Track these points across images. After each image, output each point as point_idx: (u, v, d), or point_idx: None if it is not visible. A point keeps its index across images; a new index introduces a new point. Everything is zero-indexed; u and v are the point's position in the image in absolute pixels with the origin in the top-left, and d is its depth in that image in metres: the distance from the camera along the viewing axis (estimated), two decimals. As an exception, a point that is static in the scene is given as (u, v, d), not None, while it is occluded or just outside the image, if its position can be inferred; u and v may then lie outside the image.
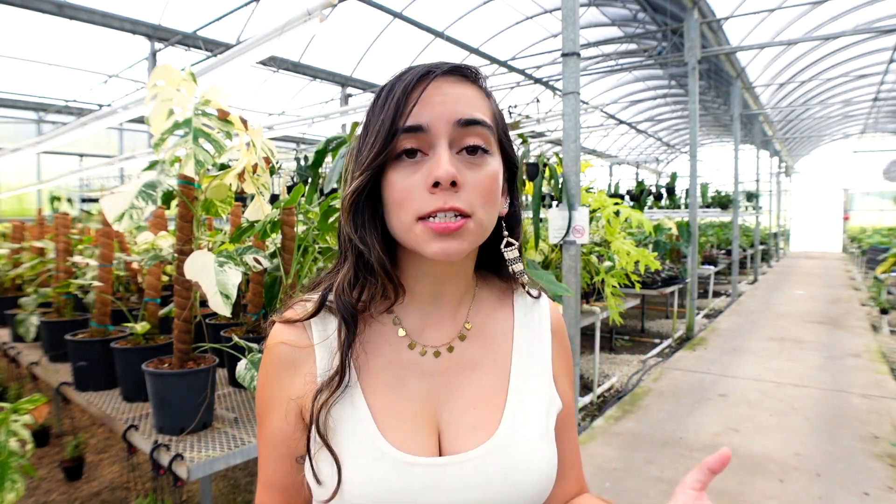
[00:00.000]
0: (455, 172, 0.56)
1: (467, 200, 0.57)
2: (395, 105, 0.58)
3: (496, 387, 0.66)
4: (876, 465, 2.99)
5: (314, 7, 2.87)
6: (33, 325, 2.45)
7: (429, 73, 0.59)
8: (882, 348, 5.60)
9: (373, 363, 0.64)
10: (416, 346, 0.66)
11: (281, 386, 0.65)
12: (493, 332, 0.69)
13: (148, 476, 2.78)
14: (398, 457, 0.59)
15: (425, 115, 0.57)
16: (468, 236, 0.58)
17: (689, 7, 6.58)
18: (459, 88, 0.60)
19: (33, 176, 10.17)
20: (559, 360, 0.73)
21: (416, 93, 0.58)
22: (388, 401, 0.63)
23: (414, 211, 0.57)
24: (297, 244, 1.81)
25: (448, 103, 0.58)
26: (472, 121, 0.58)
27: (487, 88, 0.64)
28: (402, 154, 0.58)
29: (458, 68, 0.61)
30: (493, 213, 0.61)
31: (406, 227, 0.59)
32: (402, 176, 0.58)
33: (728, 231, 11.08)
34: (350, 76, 9.50)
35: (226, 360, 1.99)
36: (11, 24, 7.07)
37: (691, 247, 6.57)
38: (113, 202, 1.37)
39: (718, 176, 18.41)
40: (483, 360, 0.67)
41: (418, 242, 0.58)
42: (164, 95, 1.46)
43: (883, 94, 12.51)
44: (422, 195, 0.57)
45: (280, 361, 0.65)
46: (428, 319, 0.67)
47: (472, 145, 0.58)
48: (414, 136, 0.57)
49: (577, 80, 3.04)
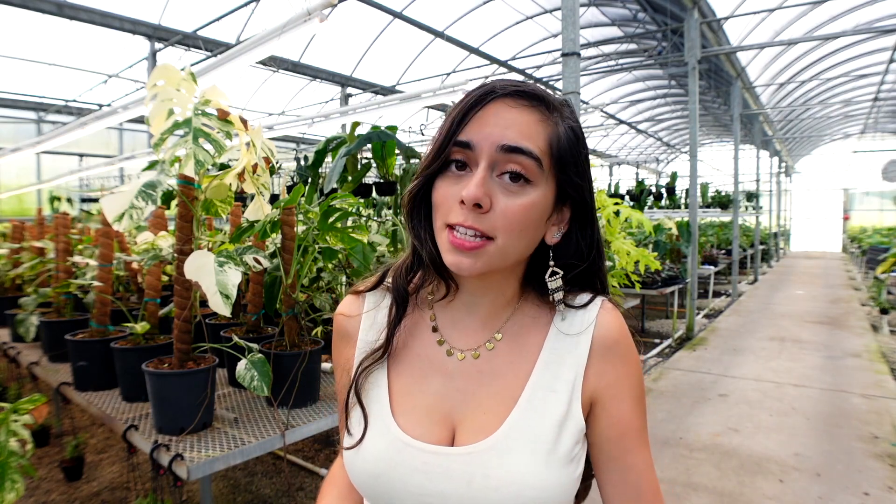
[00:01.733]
0: (481, 196, 0.58)
1: (490, 224, 0.59)
2: (452, 120, 0.62)
3: (508, 396, 0.66)
4: (876, 465, 2.99)
5: (314, 7, 2.87)
6: (33, 325, 2.45)
7: (490, 92, 0.61)
8: (882, 348, 5.60)
9: (404, 350, 0.71)
10: (444, 344, 0.70)
11: (339, 350, 0.76)
12: (523, 344, 0.69)
13: (148, 476, 2.77)
14: (399, 436, 0.65)
15: (475, 134, 0.60)
16: (484, 257, 0.60)
17: (689, 7, 6.58)
18: (516, 113, 0.61)
19: (33, 176, 10.17)
20: (608, 376, 0.67)
21: (474, 111, 0.61)
22: (407, 388, 0.69)
23: (444, 218, 0.62)
24: (297, 244, 1.81)
25: (499, 126, 0.60)
26: (515, 148, 0.59)
27: (552, 115, 0.63)
28: (452, 164, 0.62)
29: (521, 92, 0.62)
30: (521, 242, 0.62)
31: (438, 230, 0.64)
32: (447, 184, 0.62)
33: (728, 231, 11.08)
34: (350, 76, 9.50)
35: (226, 360, 1.99)
36: (11, 24, 7.07)
37: (691, 247, 6.56)
38: (113, 202, 1.37)
39: (718, 176, 18.41)
40: (506, 370, 0.68)
41: (441, 248, 0.63)
42: (164, 95, 1.45)
43: (883, 94, 12.50)
44: (454, 205, 0.61)
45: (337, 330, 0.77)
46: (459, 324, 0.71)
47: (514, 172, 0.60)
48: (462, 151, 0.61)
49: (577, 80, 3.04)
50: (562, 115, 0.64)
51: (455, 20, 8.52)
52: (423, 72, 9.82)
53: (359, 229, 1.97)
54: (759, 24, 8.96)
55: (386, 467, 0.64)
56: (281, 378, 1.70)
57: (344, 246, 2.00)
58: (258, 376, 1.46)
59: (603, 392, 0.67)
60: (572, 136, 0.64)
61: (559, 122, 0.63)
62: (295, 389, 1.71)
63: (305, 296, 2.04)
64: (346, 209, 1.86)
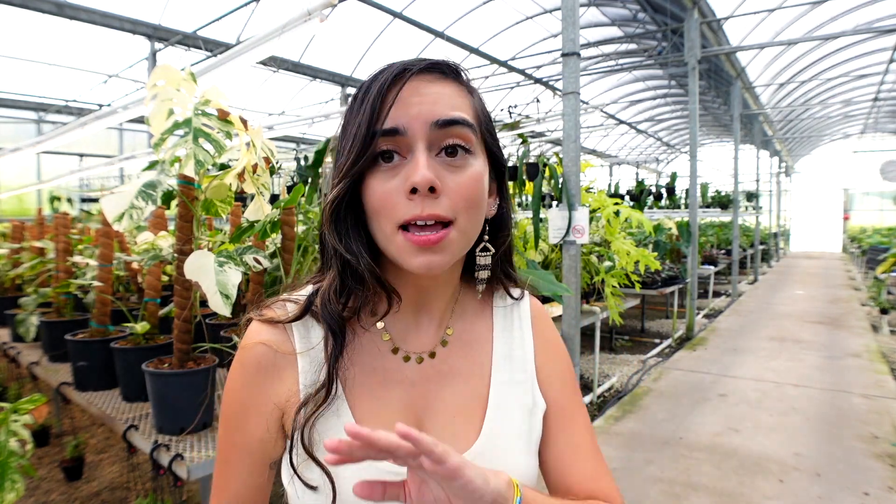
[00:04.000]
0: (433, 177, 0.53)
1: (448, 206, 0.54)
2: (371, 107, 0.55)
3: (476, 395, 0.65)
4: (876, 465, 2.98)
5: (314, 7, 2.87)
6: (33, 325, 2.45)
7: (404, 70, 0.56)
8: (882, 348, 5.60)
9: (358, 371, 0.62)
10: (399, 351, 0.64)
11: (260, 390, 0.61)
12: (473, 337, 0.68)
13: (148, 476, 2.77)
14: (382, 466, 0.57)
15: (402, 117, 0.55)
16: (451, 247, 0.56)
17: (689, 7, 6.58)
18: (438, 87, 0.57)
19: (33, 176, 10.17)
20: (544, 353, 0.71)
21: (392, 93, 0.55)
22: (372, 409, 0.61)
23: (393, 219, 0.55)
24: (297, 244, 1.81)
25: (426, 104, 0.55)
26: (450, 121, 0.55)
27: (469, 84, 0.62)
28: (380, 158, 0.56)
29: (435, 65, 0.58)
30: (478, 218, 0.58)
31: (387, 237, 0.56)
32: (381, 182, 0.55)
33: (728, 231, 11.08)
34: (350, 76, 9.50)
35: (226, 360, 1.99)
36: (11, 24, 7.07)
37: (691, 247, 6.56)
38: (113, 202, 1.37)
39: (718, 176, 18.42)
40: (463, 367, 0.66)
41: (401, 255, 0.56)
42: (164, 95, 1.45)
43: (883, 94, 12.51)
44: (400, 201, 0.54)
45: (259, 363, 0.61)
46: (412, 326, 0.65)
47: (452, 145, 0.55)
48: (391, 140, 0.55)
49: (577, 80, 3.04)
50: (469, 85, 0.62)
51: (455, 20, 8.51)
52: (423, 72, 9.79)
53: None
54: (759, 24, 8.96)
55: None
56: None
57: (344, 246, 2.00)
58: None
59: (542, 366, 0.70)
60: (483, 105, 0.62)
61: (473, 91, 0.62)
62: (295, 389, 1.70)
63: (305, 296, 2.04)
64: (346, 209, 1.85)
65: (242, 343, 0.63)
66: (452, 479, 0.46)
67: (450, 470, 0.45)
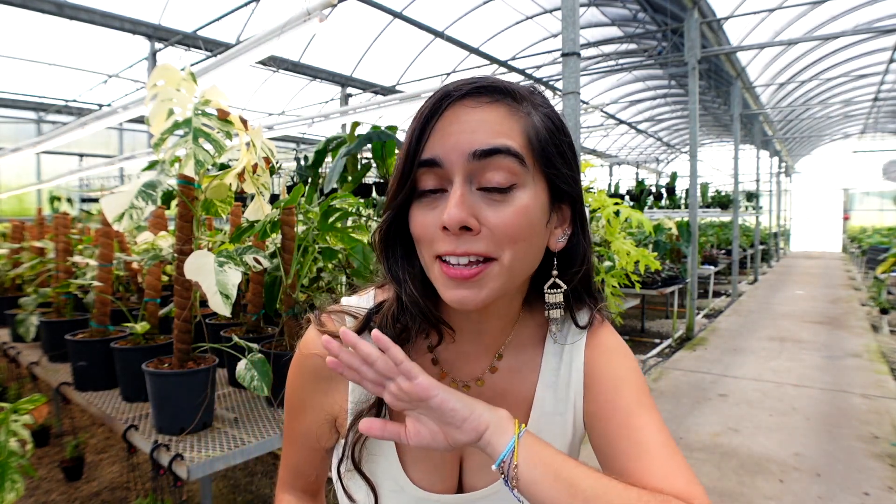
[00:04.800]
0: (465, 217, 0.50)
1: (489, 242, 0.52)
2: (410, 137, 0.54)
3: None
4: (876, 465, 2.98)
5: (314, 7, 2.87)
6: (33, 325, 2.45)
7: (445, 97, 0.53)
8: (882, 348, 5.60)
9: None
10: (446, 378, 0.64)
11: (314, 394, 0.65)
12: (521, 363, 0.65)
13: (148, 476, 2.77)
14: (415, 493, 0.61)
15: (439, 148, 0.52)
16: (489, 283, 0.53)
17: (689, 7, 6.58)
18: (480, 113, 0.53)
19: (33, 176, 10.17)
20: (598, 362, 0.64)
21: (432, 123, 0.53)
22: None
23: (431, 248, 0.54)
24: (297, 244, 1.81)
25: (465, 132, 0.52)
26: (490, 151, 0.51)
27: (528, 102, 0.56)
28: (422, 188, 0.55)
29: (481, 88, 0.54)
30: (528, 253, 0.55)
31: (428, 266, 0.56)
32: (422, 213, 0.55)
33: (728, 231, 11.08)
34: (350, 76, 9.50)
35: (226, 360, 1.99)
36: (11, 24, 7.07)
37: (691, 247, 6.56)
38: (113, 202, 1.37)
39: (718, 176, 18.43)
40: (508, 394, 0.64)
41: (438, 285, 0.55)
42: (164, 95, 1.46)
43: (883, 94, 12.50)
44: (437, 235, 0.53)
45: (315, 374, 0.64)
46: (462, 355, 0.64)
47: (493, 185, 0.52)
48: (431, 171, 0.53)
49: (577, 80, 3.04)
50: (533, 103, 0.56)
51: (455, 20, 8.52)
52: (423, 72, 9.82)
53: (359, 229, 1.97)
54: (759, 24, 8.96)
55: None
56: (281, 378, 1.69)
57: (344, 246, 2.00)
58: (258, 376, 1.46)
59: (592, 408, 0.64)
60: (550, 124, 0.56)
61: (531, 111, 0.56)
62: (295, 389, 1.70)
63: (305, 296, 2.04)
64: (346, 209, 1.86)
65: (300, 347, 0.66)
66: (425, 398, 0.50)
67: (421, 388, 0.50)
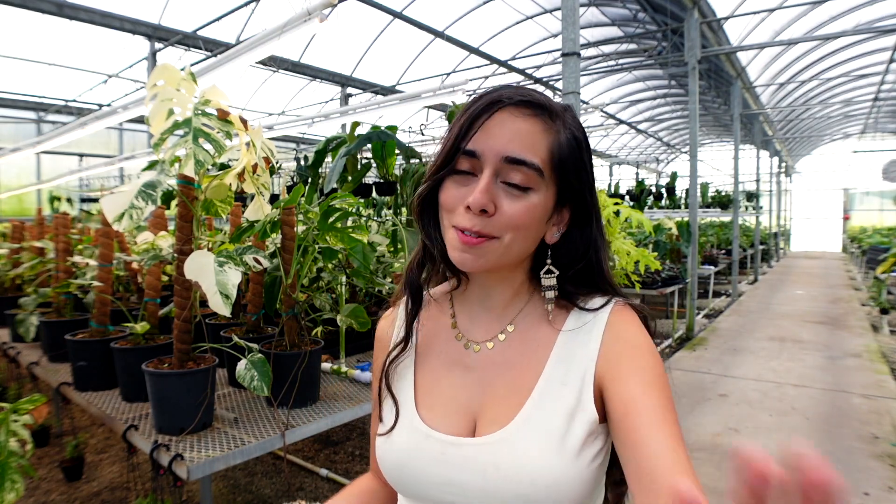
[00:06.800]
0: (486, 202, 0.63)
1: (497, 226, 0.64)
2: (460, 127, 0.65)
3: (523, 387, 0.69)
4: (876, 465, 2.98)
5: (314, 7, 2.87)
6: (33, 325, 2.45)
7: (496, 102, 0.65)
8: (882, 348, 5.60)
9: (428, 348, 0.77)
10: (462, 338, 0.76)
11: (377, 358, 0.81)
12: (534, 337, 0.72)
13: (148, 476, 2.77)
14: (421, 428, 0.70)
15: (481, 144, 0.64)
16: (487, 254, 0.65)
17: (689, 7, 6.57)
18: (521, 123, 0.65)
19: (33, 176, 10.17)
20: (615, 354, 0.66)
21: (480, 120, 0.65)
22: (431, 383, 0.74)
23: (452, 219, 0.67)
24: (297, 244, 1.81)
25: (503, 137, 0.64)
26: (517, 160, 0.63)
27: (555, 122, 0.67)
28: (458, 168, 0.66)
29: (526, 102, 0.65)
30: (525, 240, 0.67)
31: (445, 228, 0.69)
32: (454, 187, 0.67)
33: (728, 231, 11.08)
34: (350, 76, 9.50)
35: (226, 360, 1.99)
36: (11, 24, 7.07)
37: (691, 247, 6.56)
38: (113, 202, 1.37)
39: (718, 176, 18.41)
40: (519, 361, 0.71)
41: (449, 245, 0.68)
42: (164, 95, 1.45)
43: (883, 94, 12.50)
44: (460, 208, 0.65)
45: (376, 340, 0.84)
46: (475, 317, 0.76)
47: (514, 183, 0.64)
48: (468, 159, 0.65)
49: (577, 80, 3.04)
50: (564, 122, 0.68)
51: (455, 20, 8.51)
52: (423, 72, 9.82)
53: (359, 229, 1.97)
54: (759, 24, 8.96)
55: (409, 457, 0.69)
56: (281, 378, 1.70)
57: (344, 246, 2.00)
58: (258, 376, 1.46)
59: (606, 375, 0.65)
60: (573, 143, 0.68)
61: (561, 129, 0.67)
62: (295, 389, 1.71)
63: (305, 296, 2.05)
64: (346, 209, 1.86)
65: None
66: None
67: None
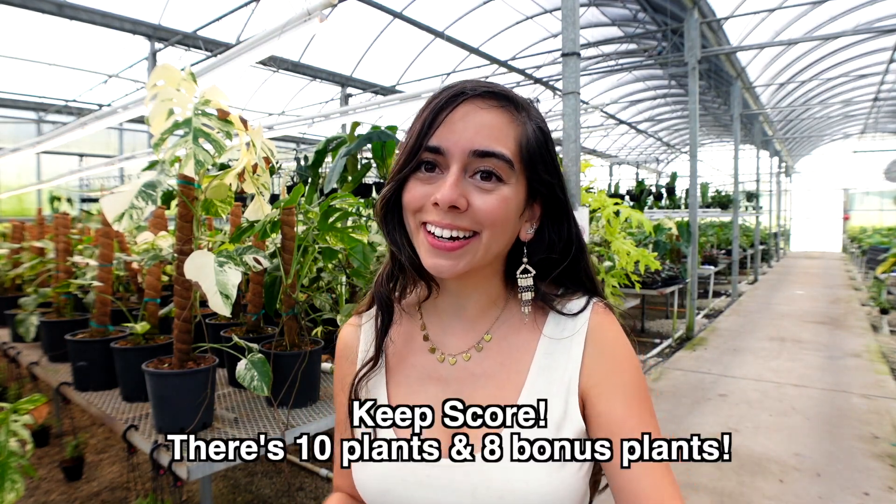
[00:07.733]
0: (456, 198, 0.59)
1: (472, 221, 0.60)
2: (422, 123, 0.61)
3: (505, 400, 0.65)
4: (876, 465, 2.98)
5: (314, 7, 2.87)
6: (33, 325, 2.44)
7: (459, 94, 0.61)
8: (882, 348, 5.60)
9: (400, 363, 0.72)
10: (436, 351, 0.71)
11: (341, 370, 0.76)
12: (513, 345, 0.68)
13: (148, 476, 2.77)
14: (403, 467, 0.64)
15: (445, 139, 0.60)
16: (467, 256, 0.61)
17: (689, 7, 6.57)
18: (486, 115, 0.61)
19: (33, 176, 10.16)
20: (597, 374, 0.65)
21: (444, 114, 0.61)
22: (405, 399, 0.69)
23: (418, 216, 0.62)
24: (297, 244, 1.81)
25: (469, 130, 0.60)
26: (486, 153, 0.60)
27: (525, 112, 0.64)
28: (422, 166, 0.62)
29: (490, 93, 0.62)
30: (503, 235, 0.63)
31: (413, 232, 0.64)
32: (417, 185, 0.62)
33: (728, 231, 11.08)
34: (350, 76, 9.50)
35: (226, 360, 1.99)
36: (11, 24, 7.07)
37: (691, 247, 6.56)
38: (113, 202, 1.37)
39: (718, 176, 18.42)
40: (498, 372, 0.67)
41: (421, 252, 0.63)
42: (164, 95, 1.45)
43: (883, 94, 12.50)
44: (427, 205, 0.61)
45: (338, 351, 0.78)
46: (448, 328, 0.71)
47: (485, 170, 0.60)
48: (433, 155, 0.61)
49: (577, 80, 3.04)
50: (529, 114, 0.65)
51: (455, 20, 8.51)
52: (423, 72, 9.82)
53: (359, 229, 1.97)
54: (759, 24, 8.95)
55: (392, 483, 0.64)
56: (281, 378, 1.69)
57: (344, 246, 2.00)
58: (258, 376, 1.46)
59: (591, 391, 0.64)
60: (540, 135, 0.65)
61: (527, 121, 0.64)
62: (295, 389, 1.71)
63: (305, 296, 2.04)
64: (346, 209, 1.86)
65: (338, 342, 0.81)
66: None
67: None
